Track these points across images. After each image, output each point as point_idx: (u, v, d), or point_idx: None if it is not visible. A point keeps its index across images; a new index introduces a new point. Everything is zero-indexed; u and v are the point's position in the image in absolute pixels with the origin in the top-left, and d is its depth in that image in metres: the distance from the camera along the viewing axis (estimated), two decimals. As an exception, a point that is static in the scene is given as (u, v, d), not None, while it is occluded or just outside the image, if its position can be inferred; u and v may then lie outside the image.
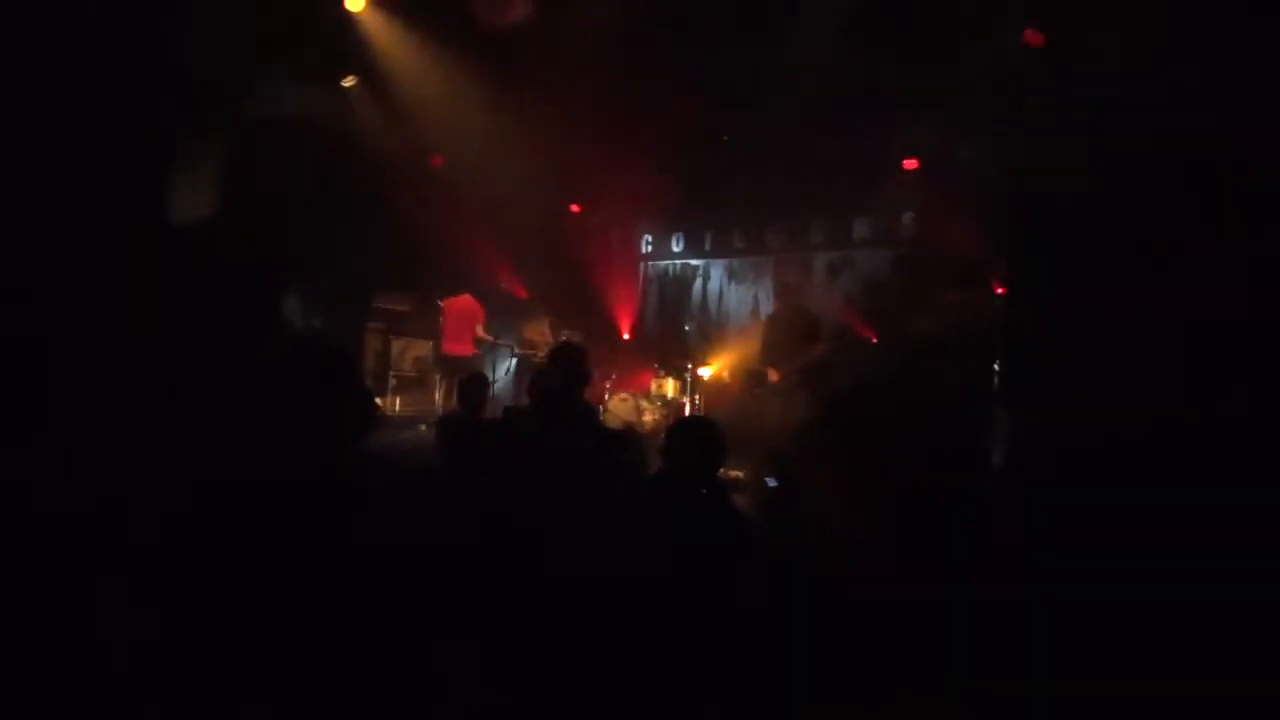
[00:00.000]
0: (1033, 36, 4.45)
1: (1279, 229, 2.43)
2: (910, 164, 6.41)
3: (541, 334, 7.58)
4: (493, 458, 2.95)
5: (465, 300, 7.00)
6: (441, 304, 7.01)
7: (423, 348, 7.66)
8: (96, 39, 4.32)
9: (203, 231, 5.24)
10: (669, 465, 2.27)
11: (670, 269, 9.07)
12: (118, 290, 4.15)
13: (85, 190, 4.24)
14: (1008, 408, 3.50)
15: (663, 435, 2.42)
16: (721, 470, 2.68)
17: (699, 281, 8.78)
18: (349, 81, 6.86)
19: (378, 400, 7.82)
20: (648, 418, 6.78)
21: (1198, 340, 2.58)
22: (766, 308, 7.65)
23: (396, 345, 7.96)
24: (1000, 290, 4.34)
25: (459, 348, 6.89)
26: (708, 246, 8.72)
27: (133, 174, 4.67)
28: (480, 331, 7.05)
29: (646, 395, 7.14)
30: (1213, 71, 2.58)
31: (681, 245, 8.95)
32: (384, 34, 6.47)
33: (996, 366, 3.90)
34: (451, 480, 3.14)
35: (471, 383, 4.01)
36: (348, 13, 6.15)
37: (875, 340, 6.47)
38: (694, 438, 2.30)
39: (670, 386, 7.07)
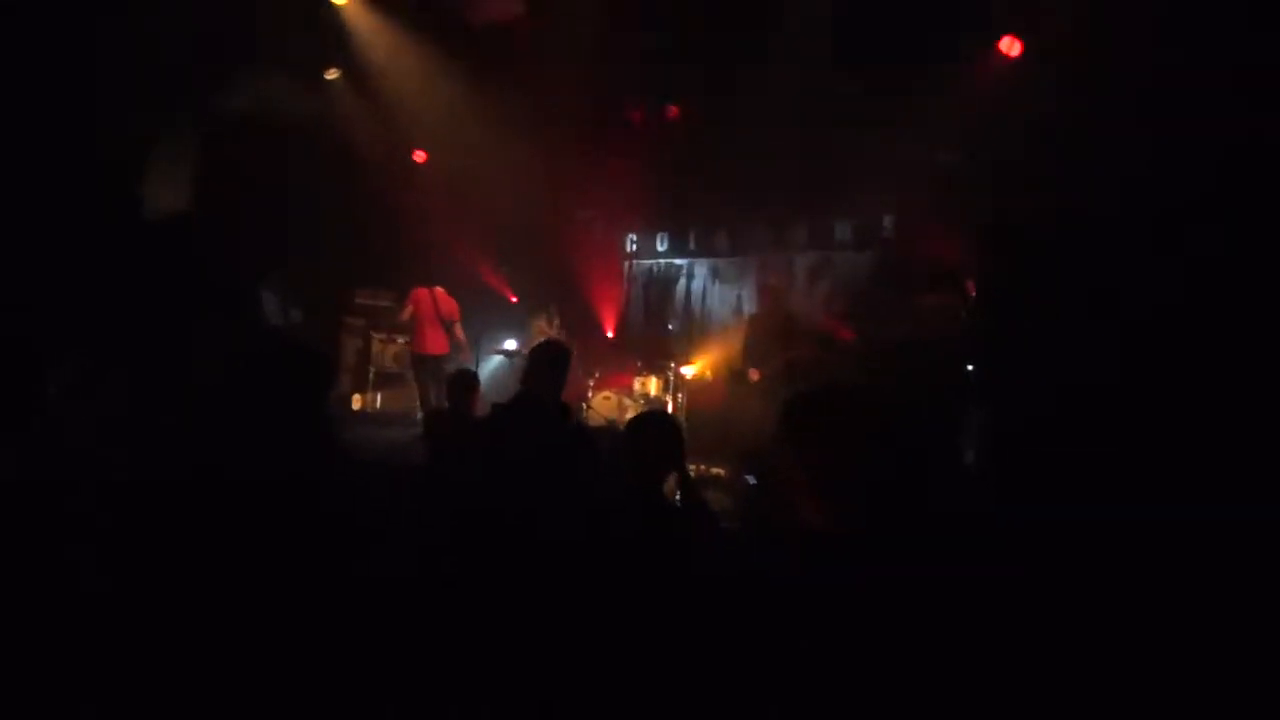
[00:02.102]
0: (1009, 47, 4.57)
1: (1220, 235, 2.52)
2: (891, 168, 6.48)
3: (540, 329, 7.44)
4: (473, 456, 2.95)
5: (437, 294, 6.62)
6: (410, 296, 6.63)
7: (403, 344, 7.58)
8: (77, 38, 4.26)
9: (180, 227, 5.18)
10: (630, 468, 2.16)
11: (654, 268, 9.09)
12: (95, 287, 4.09)
13: (60, 187, 4.18)
14: (981, 407, 3.58)
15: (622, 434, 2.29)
16: (701, 466, 2.65)
17: (683, 281, 8.81)
18: (332, 74, 6.82)
19: (356, 397, 7.77)
20: (630, 415, 6.81)
21: (1161, 339, 2.67)
22: (749, 308, 7.70)
23: (377, 341, 7.91)
24: (973, 293, 4.43)
25: (433, 346, 6.58)
26: (692, 246, 8.75)
27: (110, 170, 4.61)
28: (459, 333, 6.73)
29: (630, 393, 7.16)
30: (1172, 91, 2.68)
31: (666, 245, 8.97)
32: (368, 27, 6.43)
33: (970, 367, 3.98)
34: (433, 478, 3.14)
35: (459, 380, 3.98)
36: (331, 5, 6.12)
37: (854, 340, 6.55)
38: (639, 440, 2.16)
39: (653, 385, 7.09)
